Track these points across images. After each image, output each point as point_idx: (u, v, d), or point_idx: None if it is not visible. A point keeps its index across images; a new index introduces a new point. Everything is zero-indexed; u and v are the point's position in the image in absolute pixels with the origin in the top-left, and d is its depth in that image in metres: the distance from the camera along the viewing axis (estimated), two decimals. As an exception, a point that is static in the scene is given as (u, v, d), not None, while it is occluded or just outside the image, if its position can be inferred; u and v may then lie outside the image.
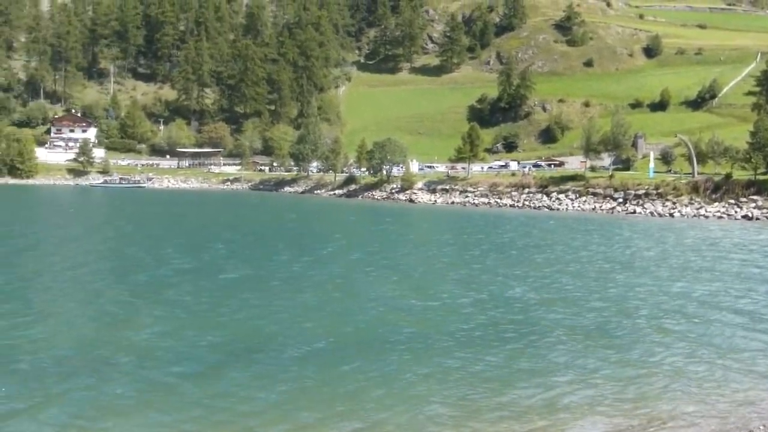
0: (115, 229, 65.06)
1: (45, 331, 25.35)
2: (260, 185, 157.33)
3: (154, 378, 20.03)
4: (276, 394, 18.92)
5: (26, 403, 18.17)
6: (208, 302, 30.35)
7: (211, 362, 21.49)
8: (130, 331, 25.28)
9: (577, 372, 20.90)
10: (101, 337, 24.42)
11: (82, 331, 25.43)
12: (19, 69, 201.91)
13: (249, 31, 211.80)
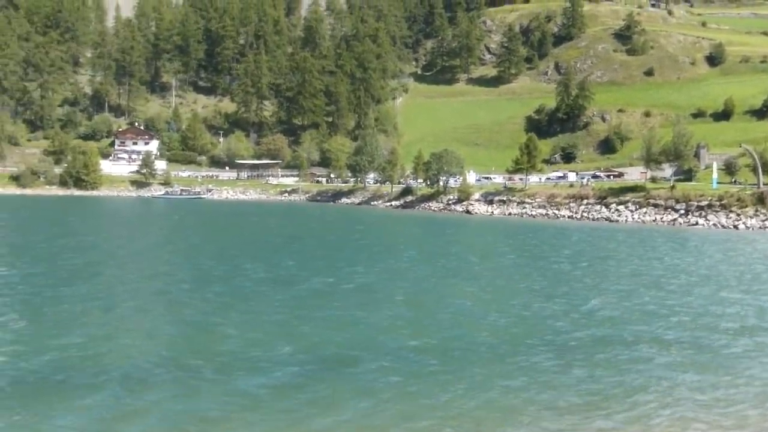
0: (184, 240, 66.27)
1: (129, 341, 25.90)
2: (317, 196, 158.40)
3: (239, 388, 20.31)
4: (358, 405, 19.04)
5: (114, 413, 18.55)
6: (286, 313, 30.64)
7: (294, 373, 21.68)
8: (213, 341, 25.68)
9: (665, 388, 20.52)
10: (184, 348, 24.85)
11: (165, 341, 25.91)
12: (85, 83, 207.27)
13: (307, 44, 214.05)
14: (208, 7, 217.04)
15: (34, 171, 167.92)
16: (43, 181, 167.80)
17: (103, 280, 40.74)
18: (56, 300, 33.44)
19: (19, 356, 23.41)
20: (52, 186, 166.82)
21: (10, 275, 40.24)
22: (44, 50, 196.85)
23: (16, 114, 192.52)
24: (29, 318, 29.21)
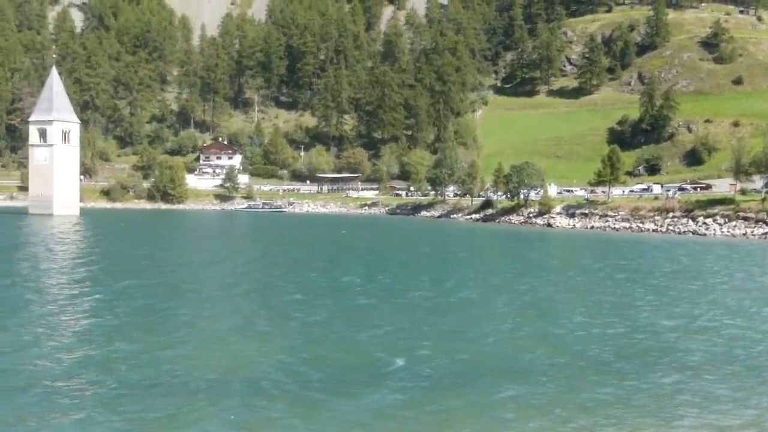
0: (279, 253, 67.47)
1: (242, 354, 26.51)
2: (397, 210, 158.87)
3: (358, 403, 20.57)
4: (478, 420, 19.09)
5: (235, 428, 18.97)
6: (392, 327, 30.87)
7: (408, 387, 21.86)
8: (324, 354, 26.08)
9: (744, 409, 19.86)
10: (297, 360, 25.29)
11: (278, 353, 26.41)
12: (171, 101, 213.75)
13: (387, 58, 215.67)
14: (290, 24, 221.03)
15: (124, 185, 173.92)
16: (132, 195, 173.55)
17: (207, 292, 41.99)
18: (166, 312, 34.67)
19: (137, 366, 24.29)
20: (141, 200, 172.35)
21: (121, 288, 41.85)
22: (133, 69, 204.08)
23: (107, 131, 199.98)
24: (144, 329, 30.28)
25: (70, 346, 27.66)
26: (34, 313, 34.40)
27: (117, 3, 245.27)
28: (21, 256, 60.55)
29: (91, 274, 48.25)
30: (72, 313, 34.91)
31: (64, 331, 30.81)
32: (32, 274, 47.96)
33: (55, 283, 44.09)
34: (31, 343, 28.23)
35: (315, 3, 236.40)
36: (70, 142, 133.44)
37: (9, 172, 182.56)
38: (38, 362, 25.39)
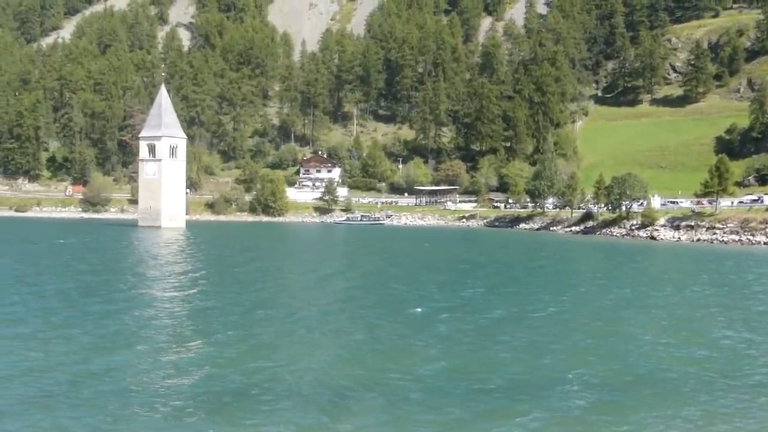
0: (373, 264, 68.26)
1: (332, 362, 27.16)
2: (495, 222, 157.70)
3: (448, 413, 20.86)
4: None
5: None
6: (480, 339, 31.08)
7: (494, 399, 22.05)
8: (413, 366, 26.46)
9: None
10: (387, 370, 25.71)
11: (368, 363, 26.98)
12: (273, 115, 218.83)
13: (485, 70, 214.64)
14: (388, 38, 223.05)
15: (227, 198, 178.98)
16: (235, 208, 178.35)
17: (301, 302, 43.03)
18: (260, 321, 35.76)
19: (232, 374, 25.16)
20: (243, 212, 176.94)
21: (231, 298, 43.39)
22: (237, 85, 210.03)
23: (212, 145, 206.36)
24: (239, 337, 31.40)
25: (180, 352, 28.88)
26: (148, 320, 36.10)
27: (222, 22, 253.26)
28: (135, 266, 63.57)
29: (191, 284, 50.09)
30: (183, 320, 36.44)
31: (173, 336, 32.12)
32: (145, 284, 50.28)
33: (164, 292, 46.10)
34: (141, 347, 29.57)
35: (413, 16, 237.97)
36: (177, 157, 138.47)
37: (120, 186, 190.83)
38: (148, 367, 26.55)
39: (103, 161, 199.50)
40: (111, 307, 39.74)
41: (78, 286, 48.55)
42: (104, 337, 31.61)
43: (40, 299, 42.26)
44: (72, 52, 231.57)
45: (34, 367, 26.17)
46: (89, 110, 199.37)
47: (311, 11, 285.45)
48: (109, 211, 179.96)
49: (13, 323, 34.72)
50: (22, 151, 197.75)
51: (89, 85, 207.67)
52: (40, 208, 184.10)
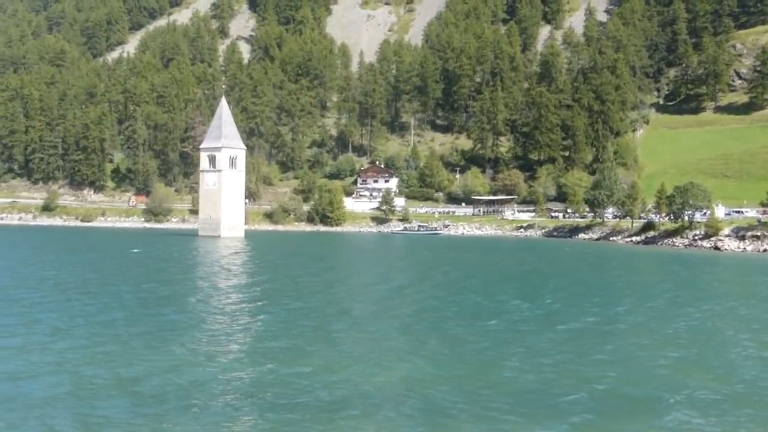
0: (441, 275, 68.16)
1: (416, 373, 27.13)
2: (554, 232, 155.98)
3: (495, 425, 20.68)
4: None
5: None
6: (562, 351, 30.88)
7: (592, 412, 21.89)
8: (500, 378, 26.29)
9: None
10: (474, 382, 25.65)
11: (454, 375, 26.88)
12: (331, 126, 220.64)
13: (543, 79, 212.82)
14: (446, 48, 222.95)
15: (285, 208, 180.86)
16: (293, 217, 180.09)
17: (377, 313, 43.27)
18: (337, 332, 36.02)
19: (314, 387, 25.38)
20: (301, 222, 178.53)
21: (292, 308, 43.96)
22: (296, 96, 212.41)
23: (271, 156, 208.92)
24: (318, 349, 31.67)
25: (242, 363, 29.24)
26: (210, 330, 36.71)
27: (281, 34, 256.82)
28: (196, 275, 64.88)
29: (260, 294, 50.76)
30: (244, 331, 36.90)
31: (235, 348, 32.60)
32: (217, 294, 51.10)
33: (236, 304, 46.78)
34: (205, 358, 30.03)
35: (471, 26, 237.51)
36: (237, 168, 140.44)
37: (181, 197, 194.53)
38: (228, 377, 26.98)
39: (165, 172, 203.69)
40: (189, 318, 40.69)
41: (155, 296, 49.84)
42: (186, 347, 32.33)
43: (120, 308, 43.53)
44: (136, 66, 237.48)
45: (124, 377, 26.90)
46: (152, 122, 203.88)
47: (369, 22, 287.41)
48: (171, 221, 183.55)
49: (97, 331, 35.84)
50: (88, 162, 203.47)
51: (152, 98, 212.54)
52: (105, 218, 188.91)
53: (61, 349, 31.01)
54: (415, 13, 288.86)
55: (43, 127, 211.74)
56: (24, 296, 46.87)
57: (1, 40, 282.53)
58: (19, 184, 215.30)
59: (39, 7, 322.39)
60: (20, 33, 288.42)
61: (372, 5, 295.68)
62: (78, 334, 35.10)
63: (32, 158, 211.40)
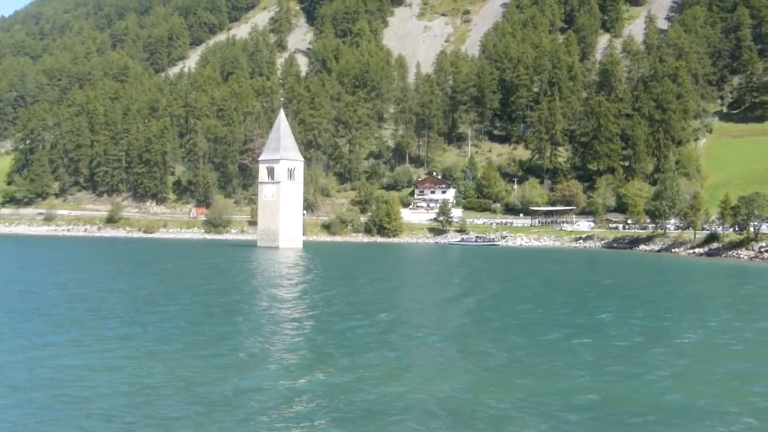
0: (499, 285, 67.94)
1: (476, 382, 27.06)
2: (614, 243, 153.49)
3: None
4: None
5: None
6: (621, 364, 30.53)
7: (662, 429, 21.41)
8: (559, 389, 26.15)
9: None
10: (534, 393, 25.65)
11: (514, 385, 26.76)
12: (388, 137, 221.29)
13: (602, 88, 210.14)
14: (503, 58, 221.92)
15: (343, 219, 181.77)
16: (350, 228, 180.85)
17: (436, 323, 43.35)
18: (396, 341, 36.21)
19: (375, 396, 25.55)
20: (358, 233, 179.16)
21: (354, 319, 44.32)
22: (353, 108, 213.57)
23: (328, 167, 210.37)
24: (377, 359, 31.95)
25: (303, 371, 29.55)
26: (286, 339, 37.30)
27: (338, 47, 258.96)
28: (258, 285, 65.90)
29: (322, 304, 51.26)
30: (306, 339, 37.36)
31: (297, 356, 32.98)
32: (278, 304, 51.96)
33: (297, 313, 47.53)
34: (281, 365, 30.52)
35: (528, 36, 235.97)
36: (295, 179, 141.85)
37: (240, 208, 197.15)
38: (288, 384, 27.34)
39: (224, 184, 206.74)
40: (252, 326, 41.95)
41: (221, 305, 51.26)
42: (250, 354, 33.29)
43: (187, 317, 45.25)
44: (197, 81, 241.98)
45: (191, 380, 27.61)
46: (212, 135, 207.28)
47: (426, 34, 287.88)
48: (230, 232, 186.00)
49: (166, 339, 37.20)
50: (151, 175, 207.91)
51: (212, 111, 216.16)
52: (167, 229, 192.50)
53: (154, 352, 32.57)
54: (471, 23, 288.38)
55: (108, 141, 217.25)
56: (110, 305, 49.14)
57: (68, 57, 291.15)
58: (84, 196, 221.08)
59: (103, 24, 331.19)
60: (85, 50, 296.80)
61: (428, 16, 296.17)
62: (153, 339, 36.44)
63: (97, 171, 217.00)
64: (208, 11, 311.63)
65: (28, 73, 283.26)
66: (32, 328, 39.57)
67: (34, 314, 44.61)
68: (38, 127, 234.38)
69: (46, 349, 33.97)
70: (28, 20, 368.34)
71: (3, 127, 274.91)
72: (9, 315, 43.81)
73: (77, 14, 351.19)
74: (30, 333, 38.05)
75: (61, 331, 38.57)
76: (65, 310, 46.67)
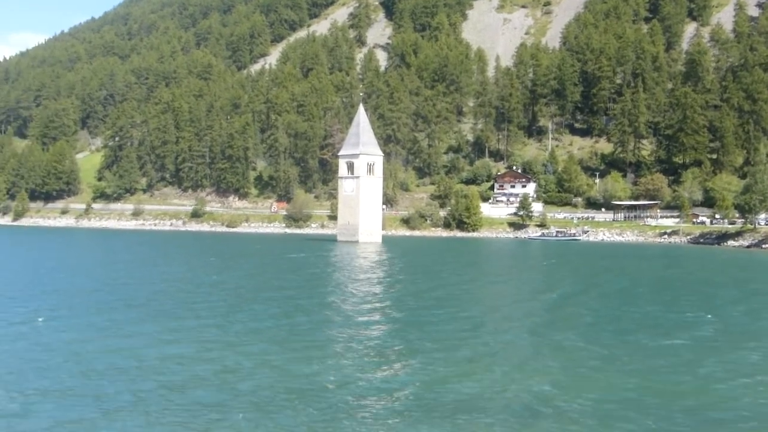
0: (597, 281, 67.03)
1: (585, 381, 26.93)
2: (700, 239, 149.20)
3: None
4: None
5: None
6: (731, 368, 29.73)
7: None
8: (673, 391, 25.87)
9: None
10: (639, 398, 25.36)
11: (622, 383, 26.52)
12: (467, 131, 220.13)
13: (689, 78, 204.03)
14: (585, 50, 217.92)
15: (422, 214, 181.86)
16: (429, 223, 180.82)
17: (544, 323, 43.10)
18: (512, 343, 36.20)
19: (478, 394, 25.63)
20: (437, 228, 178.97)
21: (440, 314, 44.48)
22: (432, 102, 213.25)
23: (407, 162, 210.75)
24: (485, 355, 32.00)
25: (397, 365, 29.89)
26: (370, 334, 37.82)
27: (417, 41, 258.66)
28: (343, 280, 66.75)
29: (423, 300, 51.55)
30: (394, 335, 37.61)
31: (372, 351, 33.29)
32: (352, 297, 52.66)
33: (374, 305, 48.00)
34: (366, 358, 31.04)
35: (611, 26, 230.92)
36: (374, 174, 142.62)
37: (321, 203, 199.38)
38: (370, 376, 27.78)
39: (305, 179, 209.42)
40: (343, 319, 42.77)
41: (310, 298, 52.63)
42: (342, 346, 34.23)
43: (278, 310, 46.62)
44: (277, 77, 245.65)
45: (288, 371, 28.77)
46: (293, 131, 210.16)
47: (505, 26, 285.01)
48: (310, 226, 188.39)
49: (260, 331, 38.61)
50: (233, 170, 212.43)
51: (293, 107, 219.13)
52: (249, 223, 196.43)
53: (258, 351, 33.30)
54: (552, 15, 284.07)
55: (192, 137, 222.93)
56: (209, 299, 50.92)
57: (154, 56, 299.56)
58: (170, 191, 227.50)
59: (188, 24, 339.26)
60: (171, 49, 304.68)
61: (508, 9, 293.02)
62: (241, 332, 37.38)
63: (182, 167, 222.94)
64: (289, 8, 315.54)
65: (117, 73, 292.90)
66: (135, 318, 41.76)
67: (140, 305, 47.08)
68: (127, 125, 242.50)
69: (150, 337, 35.86)
70: (116, 21, 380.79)
71: (94, 125, 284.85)
72: (124, 308, 46.02)
73: (163, 14, 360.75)
74: (133, 321, 40.30)
75: (160, 321, 40.38)
76: (164, 302, 48.80)
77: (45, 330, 37.62)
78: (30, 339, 35.08)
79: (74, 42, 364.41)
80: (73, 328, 38.22)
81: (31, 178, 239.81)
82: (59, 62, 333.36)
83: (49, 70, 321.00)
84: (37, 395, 25.39)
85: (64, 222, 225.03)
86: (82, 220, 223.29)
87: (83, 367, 29.41)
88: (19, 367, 29.35)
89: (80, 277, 67.60)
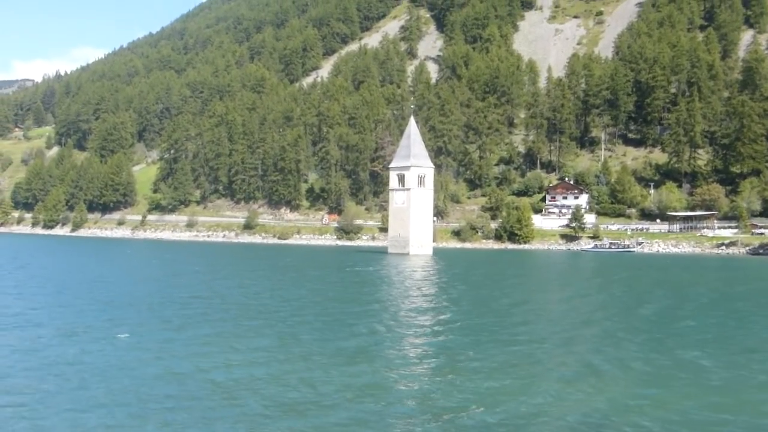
0: (657, 298, 66.26)
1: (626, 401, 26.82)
2: (760, 250, 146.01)
3: None
4: None
5: None
6: None
7: None
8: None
9: None
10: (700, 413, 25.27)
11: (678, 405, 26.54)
12: (518, 143, 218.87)
13: (746, 87, 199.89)
14: (638, 59, 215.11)
15: (473, 226, 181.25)
16: (480, 235, 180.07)
17: (597, 335, 42.84)
18: (540, 349, 36.12)
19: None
20: (488, 240, 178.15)
21: (494, 328, 44.35)
22: (483, 114, 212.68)
23: (458, 174, 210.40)
24: (539, 372, 31.98)
25: (455, 379, 30.10)
26: (417, 344, 38.06)
27: (468, 53, 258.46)
28: (397, 293, 66.88)
29: (464, 313, 51.46)
30: (451, 348, 37.70)
31: (443, 363, 33.46)
32: (407, 310, 52.76)
33: (430, 318, 48.05)
34: (416, 369, 31.38)
35: (665, 35, 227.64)
36: (425, 186, 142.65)
37: (371, 215, 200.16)
38: (419, 386, 28.00)
39: (356, 191, 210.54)
40: (401, 331, 43.05)
41: (366, 311, 52.95)
42: (403, 360, 34.52)
43: (335, 321, 47.17)
44: (329, 90, 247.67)
45: (343, 382, 29.36)
46: (344, 143, 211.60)
47: (557, 37, 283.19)
48: (361, 238, 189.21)
49: (321, 342, 39.11)
50: (285, 182, 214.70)
51: (344, 120, 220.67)
52: (300, 235, 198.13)
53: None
54: (605, 24, 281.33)
55: (245, 150, 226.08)
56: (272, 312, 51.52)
57: (209, 70, 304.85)
58: (223, 203, 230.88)
59: (242, 38, 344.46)
60: (225, 63, 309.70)
61: (560, 19, 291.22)
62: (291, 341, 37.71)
63: (235, 179, 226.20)
64: (341, 22, 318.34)
65: (173, 86, 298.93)
66: (199, 336, 40.95)
67: (202, 321, 46.97)
68: (181, 138, 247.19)
69: (216, 356, 35.15)
70: (173, 36, 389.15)
71: (150, 138, 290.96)
72: (183, 324, 45.72)
73: (218, 29, 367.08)
74: (197, 341, 39.42)
75: (222, 340, 39.70)
76: (226, 318, 48.62)
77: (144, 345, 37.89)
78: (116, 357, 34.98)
79: (132, 56, 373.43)
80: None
81: (89, 189, 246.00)
82: (118, 76, 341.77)
83: (108, 84, 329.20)
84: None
85: (120, 233, 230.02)
86: (138, 231, 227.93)
87: (188, 390, 28.86)
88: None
89: (170, 288, 68.55)
